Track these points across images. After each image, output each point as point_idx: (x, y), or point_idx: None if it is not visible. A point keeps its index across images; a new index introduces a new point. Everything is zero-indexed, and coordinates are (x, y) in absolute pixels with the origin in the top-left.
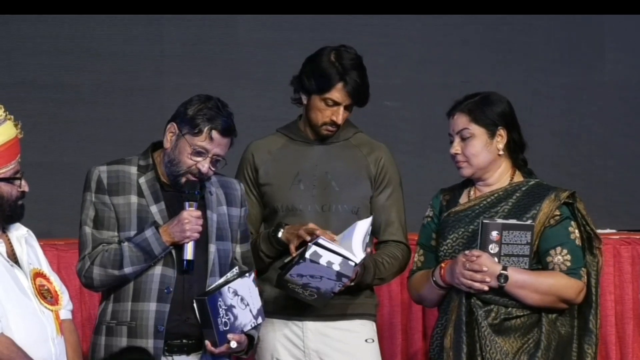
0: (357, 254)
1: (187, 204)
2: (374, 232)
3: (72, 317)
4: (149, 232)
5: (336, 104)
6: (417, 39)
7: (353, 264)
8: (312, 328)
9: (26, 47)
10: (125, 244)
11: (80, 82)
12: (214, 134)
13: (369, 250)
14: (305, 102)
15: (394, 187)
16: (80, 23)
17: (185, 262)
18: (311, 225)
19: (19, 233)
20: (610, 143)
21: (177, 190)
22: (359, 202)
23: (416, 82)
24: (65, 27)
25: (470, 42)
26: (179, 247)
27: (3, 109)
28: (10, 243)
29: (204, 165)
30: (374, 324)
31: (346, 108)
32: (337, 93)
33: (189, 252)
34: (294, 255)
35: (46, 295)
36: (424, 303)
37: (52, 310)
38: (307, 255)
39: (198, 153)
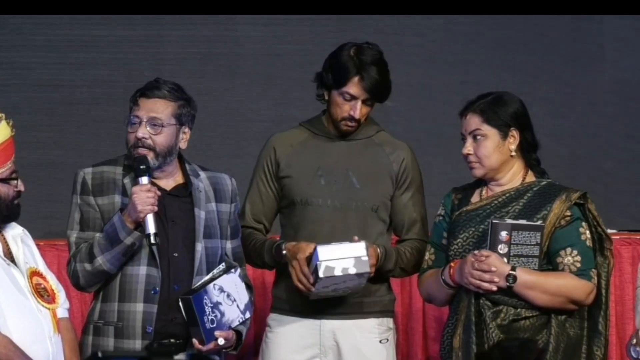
0: (359, 247)
1: (139, 179)
2: (396, 231)
3: (68, 316)
4: (115, 218)
5: (353, 98)
6: (416, 39)
7: (365, 258)
8: (329, 326)
9: (26, 47)
10: (97, 235)
11: (80, 81)
12: (140, 100)
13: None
14: (327, 97)
15: (417, 187)
16: (79, 22)
17: (149, 236)
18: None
19: (15, 232)
20: (610, 143)
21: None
22: (379, 200)
23: (416, 82)
24: (65, 26)
25: (470, 42)
26: (159, 247)
27: None
28: (6, 242)
29: (138, 131)
30: (390, 320)
31: (365, 103)
32: (353, 87)
33: (150, 226)
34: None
35: (43, 294)
36: (433, 302)
37: (49, 309)
38: (321, 274)
39: (133, 124)
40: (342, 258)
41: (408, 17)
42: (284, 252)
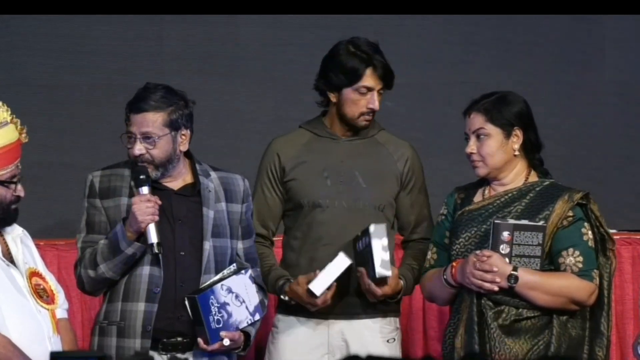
0: (341, 260)
1: (140, 189)
2: (402, 230)
3: (68, 316)
4: (117, 227)
5: (369, 90)
6: (416, 39)
7: (348, 261)
8: (337, 326)
9: (26, 47)
10: (101, 241)
11: (80, 82)
12: (130, 116)
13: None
14: (335, 99)
15: (422, 184)
16: (79, 23)
17: (152, 246)
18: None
19: (15, 233)
20: (610, 143)
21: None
22: (385, 199)
23: (416, 82)
24: (65, 26)
25: (471, 42)
26: (165, 247)
27: (9, 112)
28: (5, 243)
29: (134, 148)
30: (397, 319)
31: (379, 92)
32: (368, 79)
33: (151, 236)
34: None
35: (42, 295)
36: (435, 301)
37: (48, 310)
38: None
39: (128, 139)
40: (333, 279)
41: (408, 17)
42: (286, 297)
